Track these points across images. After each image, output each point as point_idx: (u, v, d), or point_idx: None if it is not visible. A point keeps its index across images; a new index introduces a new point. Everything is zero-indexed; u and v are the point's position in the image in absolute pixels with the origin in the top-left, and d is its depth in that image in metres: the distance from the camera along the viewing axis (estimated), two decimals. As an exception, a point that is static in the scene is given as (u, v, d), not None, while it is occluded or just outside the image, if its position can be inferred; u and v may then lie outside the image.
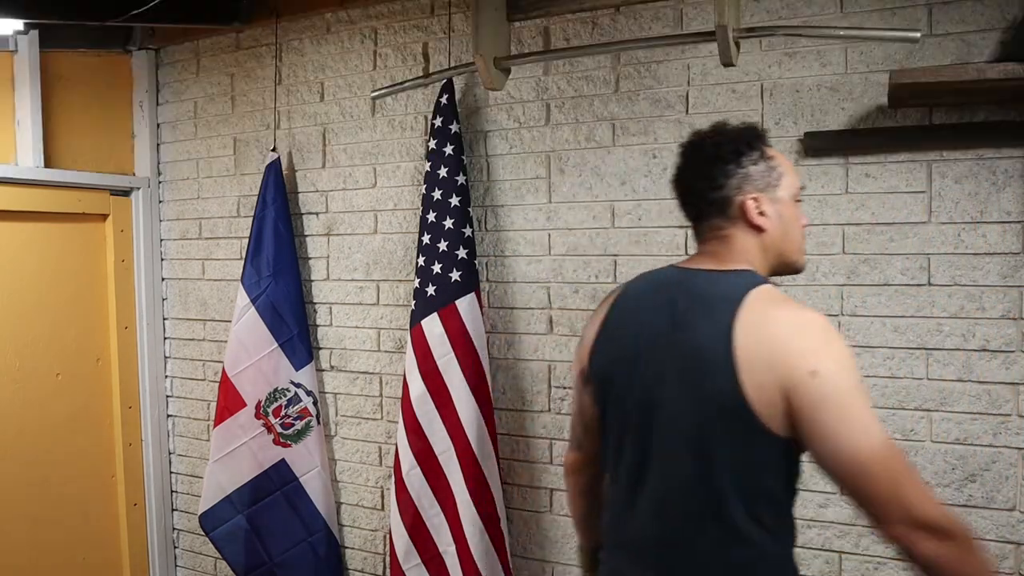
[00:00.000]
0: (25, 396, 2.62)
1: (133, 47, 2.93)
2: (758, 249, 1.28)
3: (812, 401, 1.11)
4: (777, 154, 1.31)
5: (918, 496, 1.08)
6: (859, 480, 1.10)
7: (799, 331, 1.15)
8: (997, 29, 1.76)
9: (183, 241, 2.98)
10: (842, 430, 1.10)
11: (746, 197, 1.26)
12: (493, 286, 2.36)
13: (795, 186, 1.30)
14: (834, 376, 1.11)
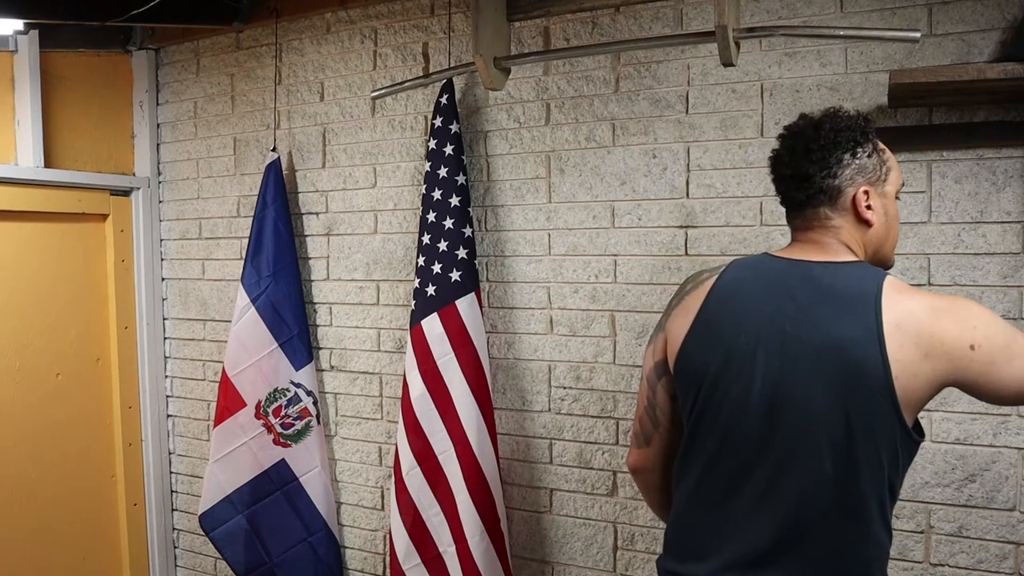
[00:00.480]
0: (25, 396, 2.62)
1: (133, 47, 2.93)
2: (860, 242, 1.27)
3: (984, 368, 1.15)
4: (886, 148, 1.30)
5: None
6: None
7: (944, 314, 1.16)
8: (997, 29, 1.76)
9: (183, 241, 2.98)
10: (1018, 366, 1.15)
11: (858, 189, 1.24)
12: (493, 286, 2.36)
13: (900, 182, 1.31)
14: (990, 338, 1.15)
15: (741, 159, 2.02)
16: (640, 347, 2.15)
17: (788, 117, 1.95)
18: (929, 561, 1.86)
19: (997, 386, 1.15)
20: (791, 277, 1.25)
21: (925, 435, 1.21)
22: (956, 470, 1.83)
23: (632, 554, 2.19)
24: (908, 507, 1.87)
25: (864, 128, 1.27)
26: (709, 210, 2.06)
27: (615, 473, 2.20)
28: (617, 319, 2.18)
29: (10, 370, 2.58)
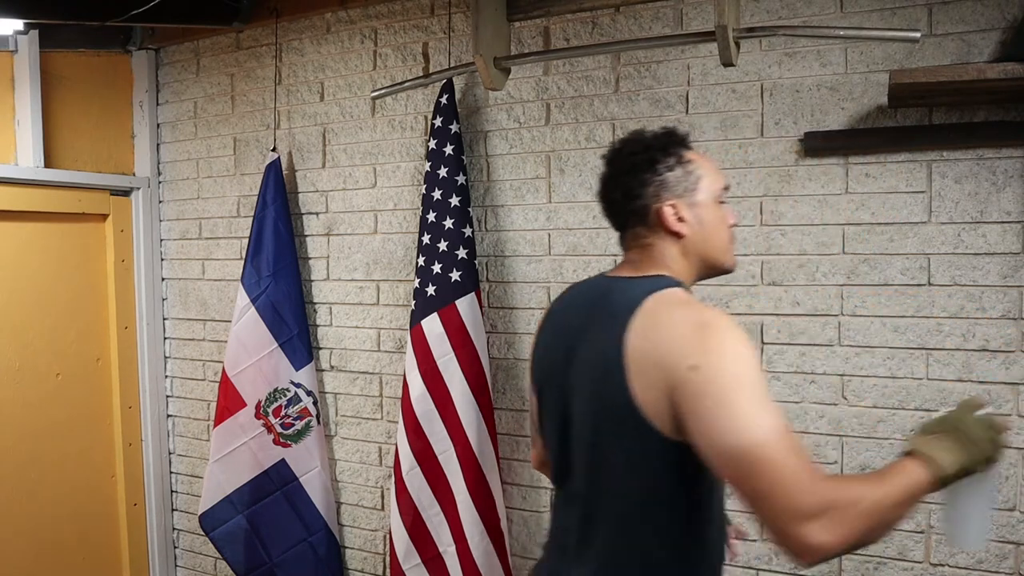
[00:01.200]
0: (25, 396, 2.62)
1: (133, 47, 2.93)
2: (679, 254, 1.28)
3: (693, 394, 1.08)
4: (697, 157, 1.30)
5: (800, 487, 1.00)
6: (740, 474, 1.03)
7: (688, 329, 1.12)
8: (997, 29, 1.76)
9: (183, 241, 2.98)
10: (721, 422, 1.04)
11: (663, 204, 1.26)
12: (493, 286, 2.36)
13: (716, 187, 1.29)
14: (715, 369, 1.07)
15: (741, 159, 2.02)
16: (640, 347, 2.15)
17: (788, 117, 1.96)
18: (929, 561, 1.86)
19: (696, 429, 1.07)
20: (596, 295, 1.30)
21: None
22: (956, 470, 1.83)
23: (632, 554, 2.19)
24: (908, 507, 1.87)
25: (665, 144, 1.28)
26: (709, 210, 2.06)
27: (615, 473, 2.20)
28: (617, 319, 2.18)
29: (10, 370, 2.58)
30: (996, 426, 1.13)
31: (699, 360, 1.08)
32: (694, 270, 1.30)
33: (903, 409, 1.87)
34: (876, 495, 1.03)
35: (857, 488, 1.04)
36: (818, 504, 0.99)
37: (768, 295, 2.00)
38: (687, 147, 1.31)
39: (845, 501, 1.00)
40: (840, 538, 1.00)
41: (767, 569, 2.02)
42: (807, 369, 1.96)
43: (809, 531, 0.98)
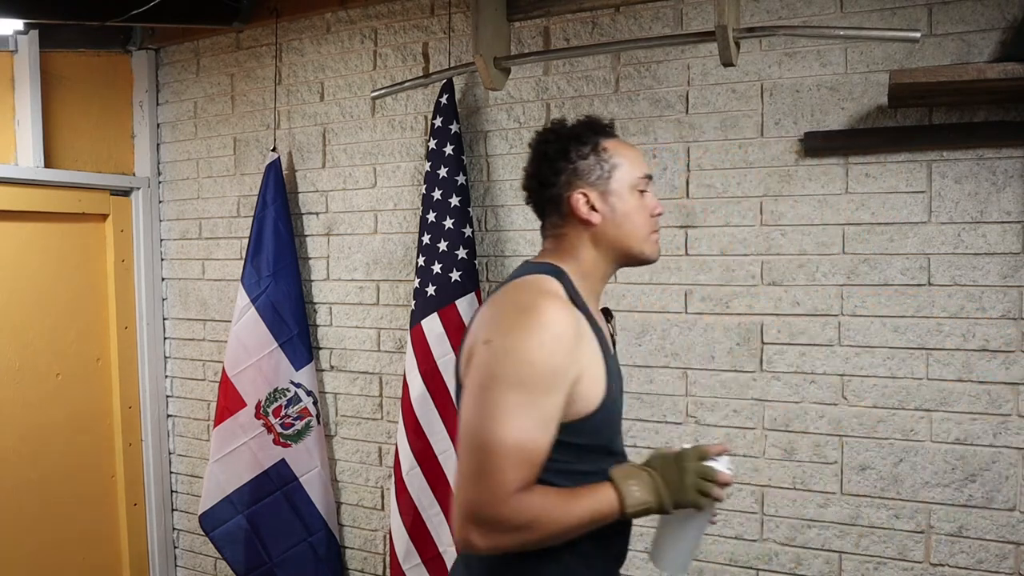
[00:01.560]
0: (25, 396, 2.62)
1: (133, 47, 2.93)
2: (591, 243, 1.28)
3: (475, 364, 1.14)
4: (615, 145, 1.29)
5: (497, 499, 1.07)
6: (465, 454, 1.11)
7: (506, 308, 1.16)
8: (997, 29, 1.76)
9: (183, 241, 2.98)
10: (470, 403, 1.12)
11: (574, 192, 1.26)
12: (493, 286, 2.36)
13: (633, 176, 1.28)
14: (503, 351, 1.11)
15: (741, 159, 2.02)
16: (640, 347, 2.15)
17: (788, 117, 1.96)
18: (929, 561, 1.86)
19: (464, 393, 1.15)
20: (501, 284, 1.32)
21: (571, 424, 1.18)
22: (956, 470, 1.83)
23: (632, 554, 2.18)
24: (908, 507, 1.87)
25: (579, 133, 1.29)
26: (709, 210, 2.06)
27: (615, 473, 2.20)
28: (617, 319, 2.18)
29: (10, 370, 2.58)
30: (710, 479, 1.15)
31: (495, 337, 1.13)
32: (608, 259, 1.29)
33: (903, 409, 1.87)
34: (560, 519, 1.10)
35: (544, 514, 1.09)
36: (499, 517, 1.08)
37: (768, 295, 2.00)
38: (607, 135, 1.30)
39: (524, 524, 1.08)
40: (498, 549, 1.11)
41: (767, 569, 2.02)
42: (807, 369, 1.96)
43: (472, 534, 1.09)
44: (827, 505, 1.95)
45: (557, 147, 1.28)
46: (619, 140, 1.32)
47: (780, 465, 2.00)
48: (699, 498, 1.15)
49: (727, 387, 2.05)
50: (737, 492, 2.05)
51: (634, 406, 2.16)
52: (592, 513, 1.13)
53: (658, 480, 1.15)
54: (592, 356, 1.19)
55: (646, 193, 1.30)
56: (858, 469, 1.92)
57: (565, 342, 1.12)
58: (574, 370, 1.14)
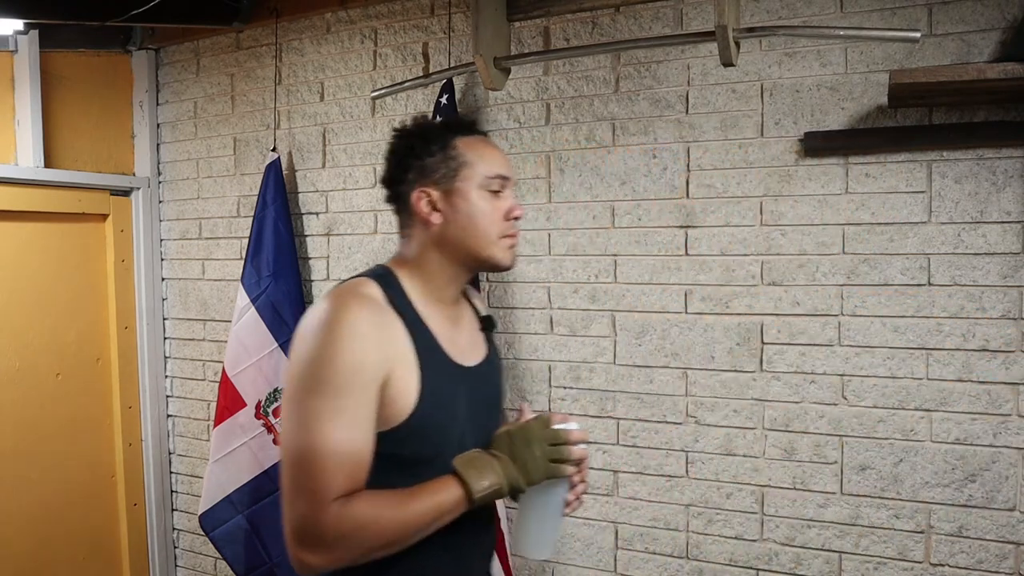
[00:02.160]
0: (25, 396, 2.62)
1: (133, 47, 2.93)
2: (433, 245, 1.23)
3: (286, 373, 1.12)
4: (470, 143, 1.24)
5: (307, 505, 1.04)
6: (284, 465, 1.08)
7: (309, 317, 1.13)
8: (997, 29, 1.76)
9: (183, 241, 2.98)
10: (287, 411, 1.08)
11: (416, 191, 1.22)
12: (493, 286, 2.36)
13: (483, 175, 1.22)
14: (298, 365, 1.09)
15: (741, 159, 2.02)
16: (640, 347, 2.15)
17: (788, 117, 1.96)
18: (929, 561, 1.86)
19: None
20: None
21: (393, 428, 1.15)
22: (956, 470, 1.83)
23: (632, 554, 2.19)
24: (908, 507, 1.87)
25: (428, 130, 1.25)
26: (709, 210, 2.06)
27: (615, 473, 2.20)
28: (617, 319, 2.18)
29: (10, 370, 2.58)
30: (559, 444, 1.11)
31: (296, 347, 1.11)
32: (453, 262, 1.23)
33: (903, 409, 1.87)
34: (395, 520, 1.06)
35: (374, 518, 1.05)
36: (320, 531, 1.03)
37: (768, 295, 2.00)
38: (465, 133, 1.25)
39: (348, 532, 1.03)
40: (330, 564, 1.05)
41: (767, 569, 2.02)
42: (807, 369, 1.96)
43: (302, 555, 1.04)
44: (827, 505, 1.95)
45: (405, 144, 1.24)
46: (480, 139, 1.27)
47: (780, 465, 2.00)
48: (554, 468, 1.11)
49: (727, 387, 2.05)
50: (737, 492, 2.05)
51: (634, 406, 2.16)
52: (436, 508, 1.08)
53: (505, 460, 1.12)
54: (403, 360, 1.13)
55: (500, 194, 1.24)
56: (858, 469, 1.92)
57: (363, 341, 1.08)
58: (381, 369, 1.09)
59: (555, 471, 1.12)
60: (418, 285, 1.22)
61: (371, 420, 1.09)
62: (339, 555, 1.05)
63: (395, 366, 1.12)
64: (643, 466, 2.16)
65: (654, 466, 2.15)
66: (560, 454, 1.12)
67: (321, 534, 1.03)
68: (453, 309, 1.28)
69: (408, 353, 1.14)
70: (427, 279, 1.23)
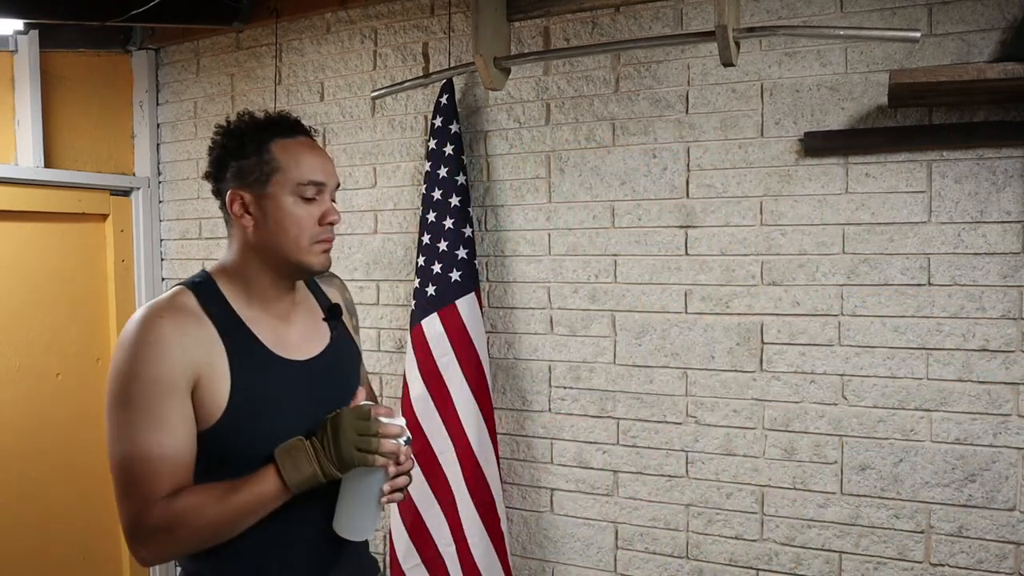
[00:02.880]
0: (25, 396, 2.62)
1: (133, 47, 2.93)
2: (249, 248, 1.26)
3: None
4: (288, 146, 1.24)
5: (133, 513, 1.12)
6: (112, 476, 1.15)
7: (121, 336, 1.17)
8: (997, 29, 1.76)
9: (183, 241, 2.98)
10: (106, 429, 1.15)
11: (230, 192, 1.24)
12: (493, 286, 2.36)
13: (295, 182, 1.22)
14: (111, 381, 1.15)
15: (741, 159, 2.02)
16: (640, 347, 2.15)
17: (788, 117, 1.96)
18: (929, 561, 1.86)
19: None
20: None
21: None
22: (956, 470, 1.83)
23: (632, 554, 2.19)
24: (908, 507, 1.87)
25: (246, 131, 1.26)
26: (709, 210, 2.06)
27: (615, 473, 2.20)
28: (617, 319, 2.18)
29: (10, 370, 2.58)
30: (368, 435, 1.14)
31: (112, 360, 1.17)
32: (269, 265, 1.26)
33: (903, 409, 1.88)
34: (215, 511, 1.12)
35: (193, 511, 1.12)
36: (147, 529, 1.11)
37: (768, 295, 2.00)
38: (286, 135, 1.25)
39: (171, 526, 1.11)
40: (161, 556, 1.16)
41: (767, 569, 2.02)
42: (807, 369, 1.96)
43: (136, 549, 1.14)
44: (827, 505, 1.95)
45: (225, 143, 1.27)
46: (300, 141, 1.26)
47: (780, 465, 2.00)
48: (362, 455, 1.14)
49: (727, 387, 2.05)
50: (737, 492, 2.05)
51: (634, 406, 2.16)
52: (256, 497, 1.13)
53: (317, 447, 1.15)
54: (212, 362, 1.17)
55: (315, 200, 1.24)
56: (858, 469, 1.92)
57: (166, 351, 1.13)
58: (187, 375, 1.14)
59: (362, 460, 1.15)
60: (238, 288, 1.26)
61: (186, 423, 1.15)
62: (167, 547, 1.14)
63: (203, 370, 1.16)
64: (643, 466, 2.16)
65: (654, 466, 2.15)
66: (368, 444, 1.14)
67: (148, 530, 1.12)
68: (282, 306, 1.29)
69: (219, 355, 1.18)
70: (246, 282, 1.26)
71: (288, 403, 1.23)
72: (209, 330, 1.19)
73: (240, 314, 1.24)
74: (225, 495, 1.13)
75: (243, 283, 1.26)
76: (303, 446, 1.15)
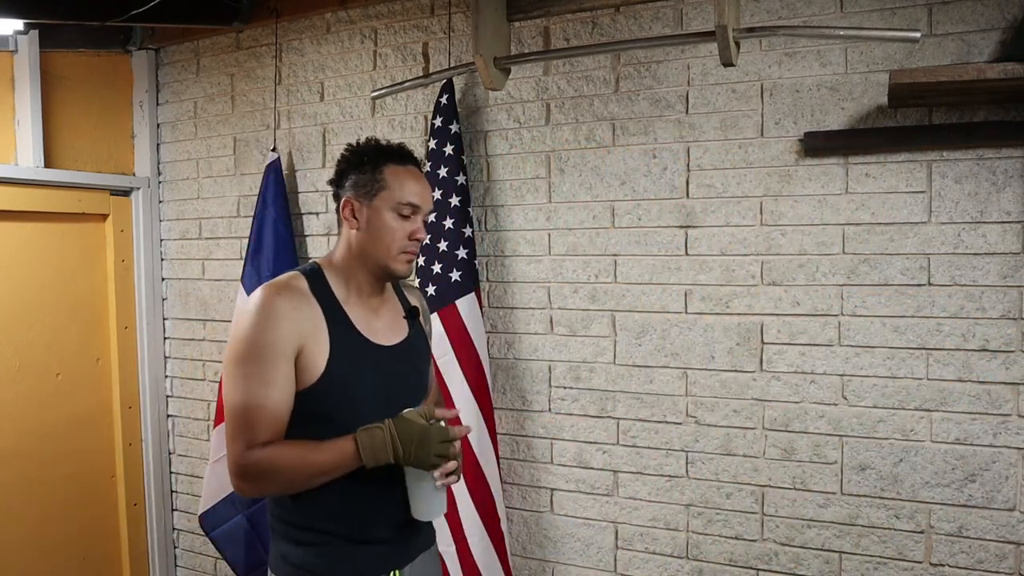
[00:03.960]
0: (25, 396, 2.62)
1: (133, 47, 2.93)
2: (350, 248, 1.51)
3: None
4: (397, 172, 1.48)
5: (238, 450, 1.36)
6: (225, 418, 1.40)
7: (243, 307, 1.42)
8: (997, 29, 1.76)
9: (183, 241, 2.98)
10: (224, 383, 1.41)
11: (345, 198, 1.50)
12: (493, 286, 2.36)
13: (396, 200, 1.47)
14: (233, 343, 1.39)
15: (741, 159, 2.02)
16: (640, 347, 2.15)
17: (788, 117, 1.96)
18: (929, 561, 1.86)
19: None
20: None
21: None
22: (956, 470, 1.83)
23: (632, 554, 2.19)
24: (908, 507, 1.87)
25: (366, 153, 1.50)
26: (709, 210, 2.06)
27: (615, 473, 2.20)
28: (617, 319, 2.18)
29: (10, 370, 2.58)
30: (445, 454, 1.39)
31: (233, 326, 1.44)
32: (362, 263, 1.50)
33: (903, 409, 1.88)
34: (299, 467, 1.36)
35: (285, 462, 1.36)
36: (246, 467, 1.35)
37: (768, 295, 2.00)
38: (400, 163, 1.49)
39: (265, 471, 1.36)
40: (254, 491, 1.43)
41: (767, 569, 2.02)
42: (807, 369, 1.96)
43: (237, 483, 1.39)
44: (827, 505, 1.95)
45: (346, 158, 1.51)
46: (408, 169, 1.50)
47: (780, 465, 2.00)
48: (437, 460, 1.38)
49: (727, 387, 2.05)
50: (737, 492, 2.05)
51: (634, 406, 2.16)
52: (334, 458, 1.36)
53: (395, 441, 1.36)
54: (315, 335, 1.41)
55: (410, 219, 1.49)
56: (858, 469, 1.92)
57: (279, 321, 1.37)
58: (295, 342, 1.38)
59: (436, 465, 1.39)
60: (340, 280, 1.50)
61: (289, 383, 1.38)
62: (262, 486, 1.40)
63: (307, 340, 1.40)
64: (643, 466, 2.16)
65: (654, 466, 2.15)
66: (445, 455, 1.39)
67: (249, 469, 1.36)
68: (374, 300, 1.55)
69: (321, 331, 1.42)
70: (347, 275, 1.51)
71: (371, 377, 1.48)
72: (315, 309, 1.43)
73: (340, 301, 1.48)
74: (310, 452, 1.36)
75: (344, 276, 1.51)
76: (382, 435, 1.36)
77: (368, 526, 1.47)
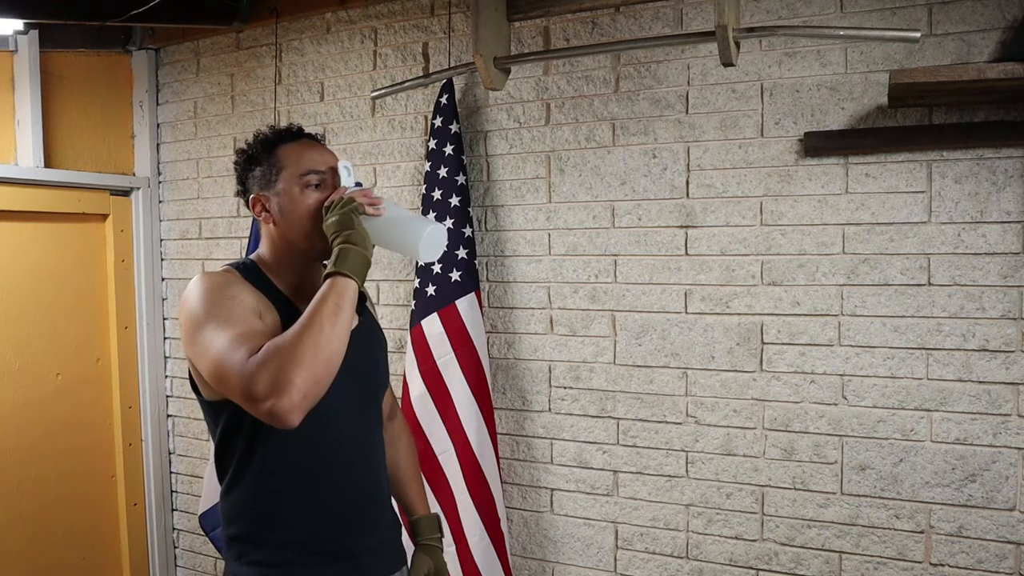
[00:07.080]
0: (25, 396, 2.62)
1: (133, 47, 2.93)
2: (274, 241, 1.44)
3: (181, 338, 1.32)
4: (287, 150, 1.40)
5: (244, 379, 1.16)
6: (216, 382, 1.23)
7: (185, 291, 1.33)
8: (997, 29, 1.76)
9: (183, 241, 2.98)
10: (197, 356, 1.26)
11: (253, 196, 1.43)
12: (493, 286, 2.36)
13: (296, 175, 1.38)
14: (185, 320, 1.29)
15: (741, 159, 2.02)
16: (640, 347, 2.15)
17: (788, 117, 1.96)
18: (929, 561, 1.86)
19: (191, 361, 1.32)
20: None
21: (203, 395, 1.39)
22: (956, 470, 1.83)
23: (632, 554, 2.19)
24: (908, 507, 1.87)
25: (258, 143, 1.43)
26: (709, 210, 2.06)
27: (615, 473, 2.20)
28: (617, 319, 2.18)
29: (10, 370, 2.58)
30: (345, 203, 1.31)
31: (181, 309, 1.33)
32: (291, 254, 1.42)
33: (903, 409, 1.88)
34: (303, 328, 1.18)
35: (287, 335, 1.18)
36: (252, 368, 1.15)
37: (768, 295, 2.00)
38: (287, 141, 1.41)
39: (271, 355, 1.15)
40: (300, 395, 1.14)
41: (767, 569, 2.02)
42: (807, 369, 1.96)
43: (272, 407, 1.13)
44: (827, 505, 1.95)
45: (241, 159, 1.45)
46: (301, 143, 1.42)
47: (780, 465, 2.00)
48: (351, 213, 1.30)
49: (727, 387, 2.05)
50: (737, 492, 2.05)
51: (634, 406, 2.16)
52: (332, 303, 1.21)
53: (344, 231, 1.28)
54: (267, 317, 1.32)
55: (319, 187, 1.39)
56: (858, 469, 1.92)
57: (231, 286, 1.32)
58: (252, 306, 1.30)
59: (355, 209, 1.31)
60: (273, 271, 1.43)
61: (252, 309, 1.29)
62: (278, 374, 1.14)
63: (263, 315, 1.32)
64: (643, 466, 2.16)
65: (654, 466, 2.15)
66: (352, 205, 1.31)
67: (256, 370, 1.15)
68: (314, 289, 1.37)
69: (271, 312, 1.34)
70: (278, 268, 1.44)
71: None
72: (260, 294, 1.36)
73: (282, 291, 1.41)
74: (303, 315, 1.21)
75: (276, 270, 1.43)
76: (337, 250, 1.27)
77: (333, 543, 1.38)
